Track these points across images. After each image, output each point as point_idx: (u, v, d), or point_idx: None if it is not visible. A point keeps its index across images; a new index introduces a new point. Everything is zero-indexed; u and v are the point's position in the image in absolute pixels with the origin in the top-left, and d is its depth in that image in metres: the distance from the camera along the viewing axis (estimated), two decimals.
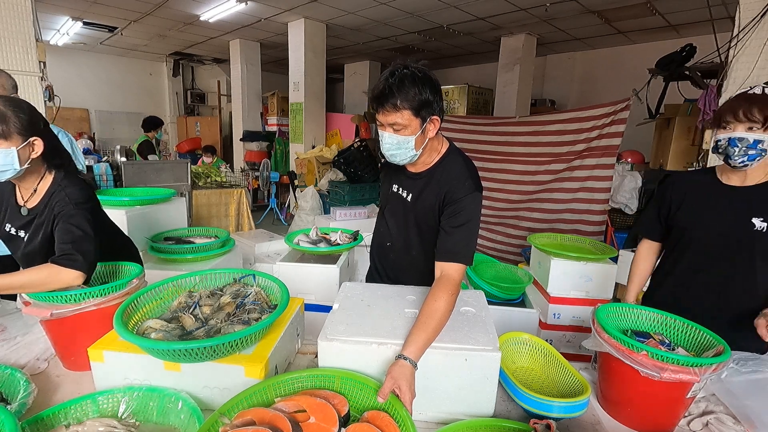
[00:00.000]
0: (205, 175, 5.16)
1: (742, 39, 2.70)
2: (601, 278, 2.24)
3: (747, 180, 1.30)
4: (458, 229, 1.23)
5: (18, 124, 1.24)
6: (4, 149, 1.23)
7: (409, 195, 1.40)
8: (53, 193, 1.34)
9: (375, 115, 1.24)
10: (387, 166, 1.50)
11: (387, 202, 1.51)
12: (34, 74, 2.76)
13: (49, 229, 1.33)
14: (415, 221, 1.41)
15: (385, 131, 1.22)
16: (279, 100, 8.25)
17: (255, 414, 0.88)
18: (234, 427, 0.83)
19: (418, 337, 0.99)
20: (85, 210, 1.32)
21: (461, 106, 7.47)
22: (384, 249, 1.56)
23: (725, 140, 1.25)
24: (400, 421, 0.86)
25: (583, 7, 5.45)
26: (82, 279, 1.22)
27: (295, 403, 0.92)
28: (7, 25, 2.65)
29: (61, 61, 8.46)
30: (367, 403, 0.96)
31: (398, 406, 0.89)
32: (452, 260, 1.19)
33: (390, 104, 1.15)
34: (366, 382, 0.97)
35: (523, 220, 4.02)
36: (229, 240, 2.42)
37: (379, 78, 1.20)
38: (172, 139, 10.45)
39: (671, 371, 0.93)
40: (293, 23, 6.68)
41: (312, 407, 0.91)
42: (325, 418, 0.89)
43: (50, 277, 1.18)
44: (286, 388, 0.98)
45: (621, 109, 3.30)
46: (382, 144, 1.26)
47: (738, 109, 1.22)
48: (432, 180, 1.34)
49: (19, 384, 0.99)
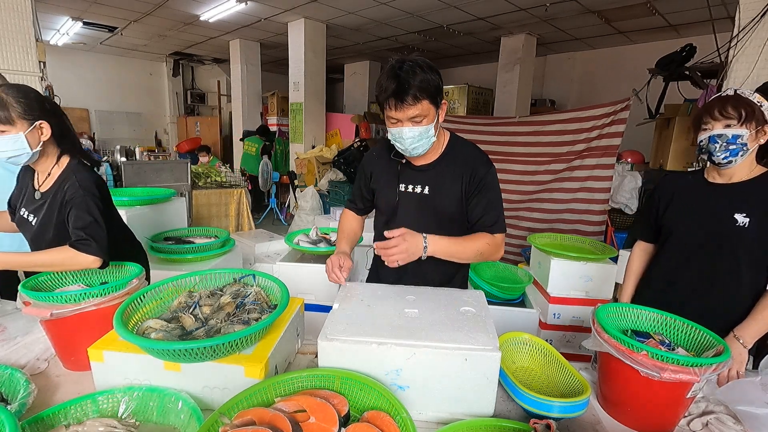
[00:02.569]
0: (205, 175, 5.16)
1: (742, 39, 2.70)
2: (601, 278, 2.25)
3: (732, 178, 1.33)
4: (491, 202, 1.37)
5: (19, 109, 1.27)
6: (13, 135, 1.27)
7: (425, 188, 1.38)
8: (65, 179, 1.38)
9: (387, 113, 1.21)
10: (376, 168, 1.45)
11: (394, 205, 1.43)
12: (34, 74, 2.76)
13: (56, 214, 1.37)
14: (434, 213, 1.39)
15: (404, 126, 1.21)
16: (279, 100, 8.24)
17: (255, 414, 0.88)
18: (234, 427, 0.83)
19: (445, 238, 1.20)
20: (95, 197, 1.36)
21: (461, 106, 7.47)
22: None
23: (706, 139, 1.29)
24: (400, 423, 0.86)
25: (583, 7, 5.45)
26: (99, 263, 1.29)
27: (295, 403, 0.92)
28: (7, 25, 2.65)
29: (61, 61, 8.47)
30: (367, 403, 0.96)
31: (399, 407, 0.88)
32: (495, 231, 1.37)
33: (410, 97, 1.15)
34: (366, 382, 0.97)
35: (523, 220, 4.02)
36: (229, 240, 2.42)
37: (384, 76, 1.18)
38: (172, 139, 10.46)
39: (671, 371, 0.93)
40: (293, 23, 6.68)
41: (312, 407, 0.90)
42: (325, 418, 0.88)
43: (69, 260, 1.26)
44: (286, 387, 0.98)
45: (621, 109, 3.30)
46: (401, 140, 1.24)
47: (713, 109, 1.27)
48: (448, 166, 1.35)
49: (19, 384, 0.99)
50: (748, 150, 1.25)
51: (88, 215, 1.32)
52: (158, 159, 6.65)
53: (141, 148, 7.35)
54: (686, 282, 1.39)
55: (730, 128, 1.24)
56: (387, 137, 1.38)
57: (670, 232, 1.43)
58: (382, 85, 1.19)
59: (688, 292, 1.38)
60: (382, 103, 1.21)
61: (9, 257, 1.31)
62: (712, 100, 1.30)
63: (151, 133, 10.45)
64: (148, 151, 7.37)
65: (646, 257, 1.58)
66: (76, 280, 1.33)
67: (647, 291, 1.52)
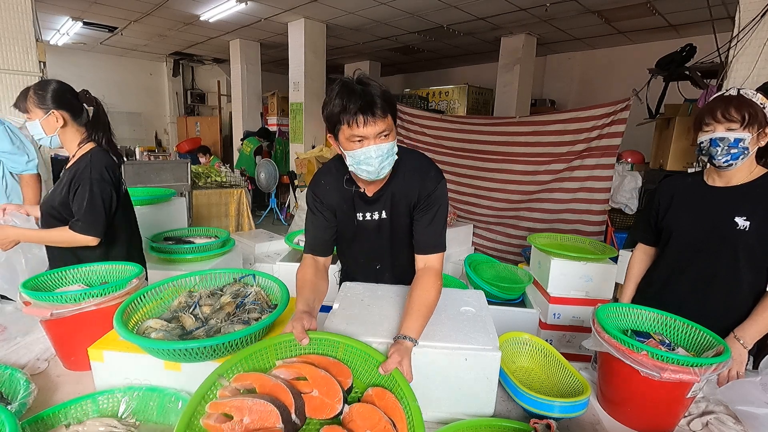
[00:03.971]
0: (205, 175, 5.16)
1: (742, 39, 2.70)
2: (601, 278, 2.25)
3: (731, 181, 1.32)
4: (434, 221, 1.25)
5: (36, 100, 1.49)
6: (31, 122, 1.51)
7: (382, 212, 1.31)
8: (83, 158, 1.54)
9: (349, 133, 1.09)
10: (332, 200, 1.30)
11: (353, 234, 1.36)
12: (34, 74, 2.76)
13: (66, 189, 1.51)
14: (391, 235, 1.35)
15: (371, 144, 1.10)
16: (279, 100, 8.25)
17: (255, 379, 0.86)
18: (233, 390, 0.82)
19: (416, 323, 1.02)
20: (100, 180, 1.50)
21: (461, 106, 7.47)
22: (375, 271, 1.44)
23: (707, 141, 1.26)
24: (405, 406, 0.83)
25: (583, 7, 5.45)
26: (97, 242, 1.50)
27: (296, 370, 0.90)
28: (7, 25, 2.65)
29: (61, 61, 8.47)
30: (371, 377, 0.93)
31: (405, 388, 0.85)
32: (434, 252, 1.24)
33: (380, 110, 1.07)
34: (371, 353, 0.94)
35: (523, 220, 4.02)
36: (229, 240, 2.42)
37: (341, 93, 1.07)
38: (172, 139, 10.46)
39: (671, 371, 0.93)
40: (293, 23, 6.68)
41: (316, 379, 0.88)
42: (329, 392, 0.86)
43: (70, 240, 1.48)
44: (286, 351, 0.96)
45: (621, 109, 3.30)
46: (369, 162, 1.12)
47: (716, 110, 1.24)
48: (402, 183, 1.27)
49: (19, 384, 0.99)
50: (749, 153, 1.24)
51: (87, 196, 1.47)
52: (158, 159, 6.65)
53: (141, 148, 7.37)
54: (686, 284, 1.38)
55: (733, 131, 1.22)
56: (329, 166, 1.32)
57: (670, 234, 1.43)
58: (342, 103, 1.07)
59: (688, 293, 1.38)
60: (342, 123, 1.10)
61: (21, 232, 1.54)
62: (715, 101, 1.27)
63: (151, 133, 10.44)
64: (148, 151, 7.38)
65: (646, 260, 1.58)
66: (76, 280, 1.33)
67: (647, 292, 1.52)
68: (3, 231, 1.53)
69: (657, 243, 1.53)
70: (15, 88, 2.71)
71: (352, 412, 0.84)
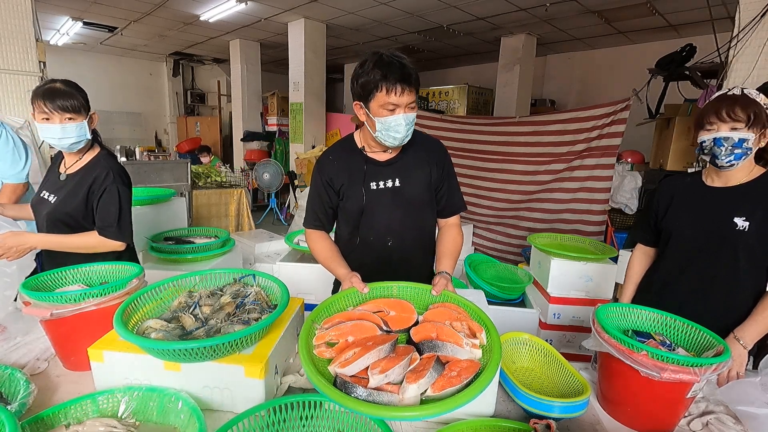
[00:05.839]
0: (205, 175, 5.16)
1: (742, 39, 2.70)
2: (601, 278, 2.25)
3: (730, 181, 1.31)
4: (454, 184, 1.48)
5: (82, 100, 1.50)
6: (80, 123, 1.48)
7: (396, 180, 1.37)
8: (96, 163, 1.55)
9: (384, 100, 1.19)
10: (335, 172, 1.37)
11: (362, 205, 1.38)
12: (34, 74, 2.76)
13: (83, 192, 1.50)
14: (405, 204, 1.38)
15: (401, 113, 1.22)
16: (279, 100, 8.25)
17: (342, 316, 1.04)
18: (325, 330, 0.97)
19: (450, 262, 1.36)
20: (123, 185, 1.53)
21: (461, 106, 7.46)
22: (386, 249, 1.42)
23: (710, 140, 1.25)
24: (464, 305, 1.08)
25: (583, 7, 5.45)
26: (124, 246, 1.53)
27: (373, 305, 1.11)
28: (7, 25, 2.65)
29: (61, 61, 8.46)
30: (427, 301, 1.18)
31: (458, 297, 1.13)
32: (458, 212, 1.50)
33: (414, 81, 1.20)
34: (419, 286, 1.19)
35: (523, 220, 4.02)
36: (229, 240, 2.42)
37: (379, 64, 1.17)
38: (172, 139, 10.45)
39: (671, 371, 0.93)
40: (293, 23, 6.68)
41: (390, 305, 1.11)
42: (404, 309, 1.09)
43: (99, 244, 1.47)
44: (354, 300, 1.17)
45: (621, 109, 3.30)
46: (397, 128, 1.23)
47: (721, 109, 1.22)
48: (414, 155, 1.39)
49: (19, 384, 0.99)
50: (751, 153, 1.23)
51: (116, 203, 1.49)
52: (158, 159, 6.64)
53: (141, 148, 7.35)
54: (686, 284, 1.38)
55: (737, 131, 1.21)
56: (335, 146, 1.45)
57: (669, 234, 1.43)
58: (382, 72, 1.17)
59: (688, 293, 1.38)
60: (379, 90, 1.18)
61: (46, 238, 1.50)
62: (720, 100, 1.25)
63: (151, 133, 10.44)
64: (148, 151, 7.36)
65: (646, 260, 1.58)
66: (76, 280, 1.33)
67: (647, 293, 1.52)
68: (21, 237, 1.43)
69: (657, 244, 1.53)
70: (15, 88, 2.70)
71: (426, 318, 1.07)
